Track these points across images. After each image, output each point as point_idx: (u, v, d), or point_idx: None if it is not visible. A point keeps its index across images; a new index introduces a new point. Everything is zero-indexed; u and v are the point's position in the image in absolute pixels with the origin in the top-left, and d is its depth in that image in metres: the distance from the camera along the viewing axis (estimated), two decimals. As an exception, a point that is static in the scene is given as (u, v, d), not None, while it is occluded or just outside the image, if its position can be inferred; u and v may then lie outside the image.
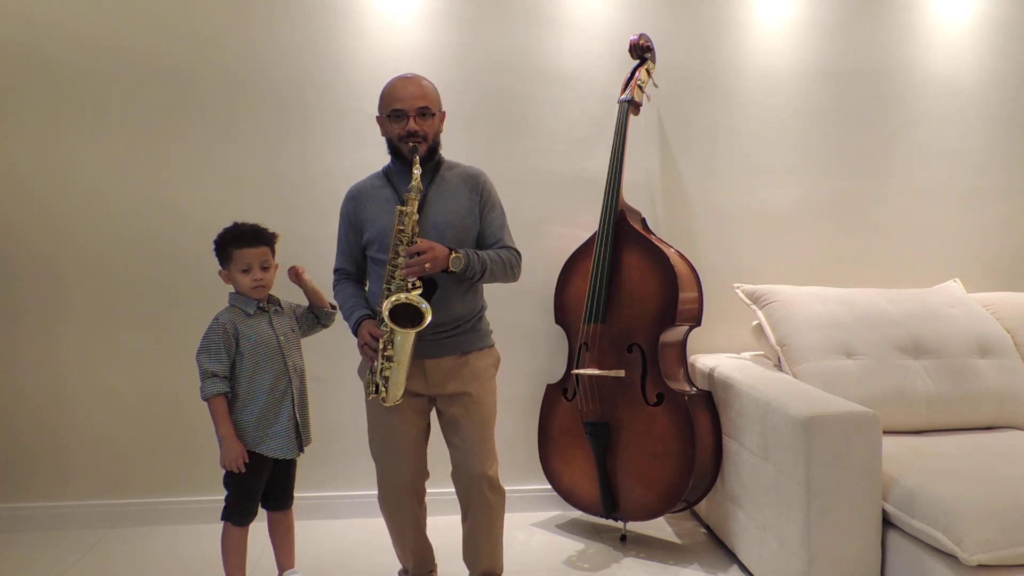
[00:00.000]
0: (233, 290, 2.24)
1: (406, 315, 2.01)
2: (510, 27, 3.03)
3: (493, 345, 2.30)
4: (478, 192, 2.21)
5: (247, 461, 2.17)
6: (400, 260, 2.03)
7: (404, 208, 2.05)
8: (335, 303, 2.32)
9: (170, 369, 2.92)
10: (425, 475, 2.27)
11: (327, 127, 2.96)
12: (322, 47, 2.94)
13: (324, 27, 2.94)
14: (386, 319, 2.00)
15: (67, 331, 2.91)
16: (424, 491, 2.28)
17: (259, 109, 2.93)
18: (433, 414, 2.28)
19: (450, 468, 2.24)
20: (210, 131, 2.92)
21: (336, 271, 2.30)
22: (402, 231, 2.05)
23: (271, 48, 2.92)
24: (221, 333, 2.16)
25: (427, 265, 2.00)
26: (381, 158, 2.93)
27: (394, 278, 2.05)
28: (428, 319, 2.00)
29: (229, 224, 2.23)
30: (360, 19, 2.96)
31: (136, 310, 2.93)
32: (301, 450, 2.27)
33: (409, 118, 2.10)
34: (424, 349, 2.12)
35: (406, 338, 2.02)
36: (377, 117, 2.20)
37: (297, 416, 2.24)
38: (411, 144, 2.10)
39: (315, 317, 2.38)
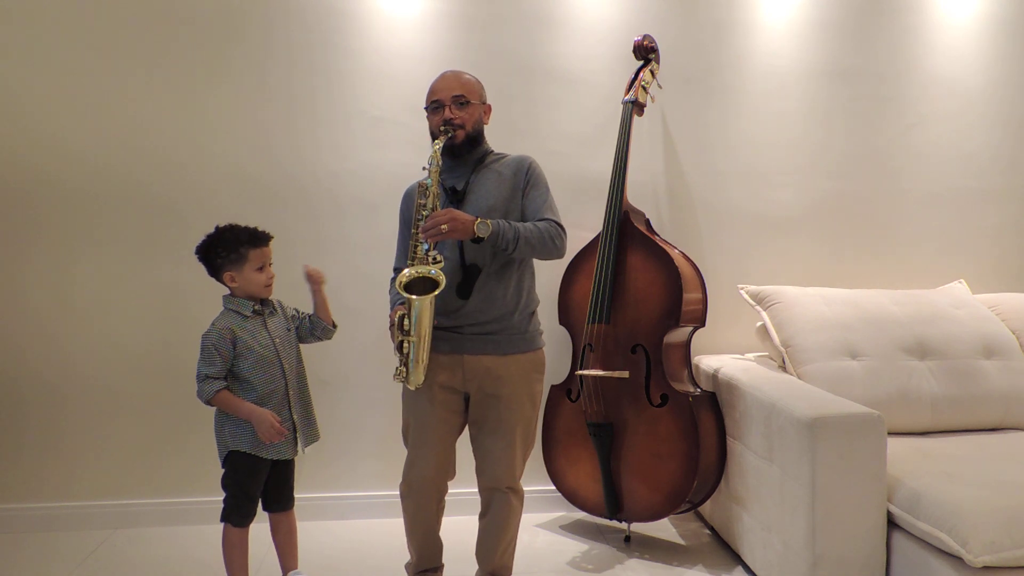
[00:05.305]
0: (228, 293, 2.22)
1: (424, 290, 2.00)
2: (514, 28, 3.03)
3: (540, 348, 2.25)
4: (523, 173, 2.20)
5: (280, 423, 2.12)
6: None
7: (423, 182, 2.06)
8: (335, 323, 2.33)
9: (175, 369, 2.93)
10: (450, 474, 2.24)
11: (328, 128, 2.96)
12: (326, 48, 2.94)
13: (328, 28, 2.94)
14: (401, 291, 2.00)
15: (69, 328, 2.91)
16: (445, 490, 2.25)
17: (261, 108, 2.94)
18: None
19: (473, 466, 2.23)
20: (211, 129, 2.92)
21: (395, 269, 2.31)
22: (423, 205, 2.05)
23: (275, 49, 2.93)
24: (218, 339, 2.13)
25: (444, 227, 1.96)
26: (383, 160, 2.96)
27: (416, 253, 2.04)
28: (442, 284, 1.98)
29: (217, 230, 2.20)
30: (365, 20, 2.96)
31: (137, 307, 2.94)
32: (300, 451, 2.26)
33: (446, 107, 2.12)
34: (466, 344, 2.12)
35: (421, 309, 2.00)
36: (427, 117, 2.22)
37: (294, 417, 2.22)
38: (444, 129, 2.10)
39: (311, 326, 2.32)
